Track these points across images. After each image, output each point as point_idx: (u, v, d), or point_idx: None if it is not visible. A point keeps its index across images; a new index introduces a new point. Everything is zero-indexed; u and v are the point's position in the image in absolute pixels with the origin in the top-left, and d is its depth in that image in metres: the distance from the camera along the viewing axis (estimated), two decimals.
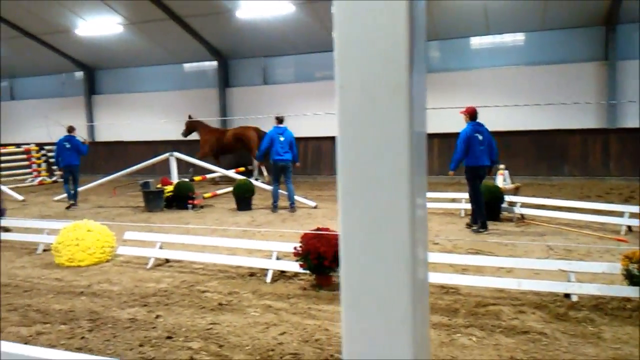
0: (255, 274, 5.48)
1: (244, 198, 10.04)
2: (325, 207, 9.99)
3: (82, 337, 3.89)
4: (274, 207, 9.61)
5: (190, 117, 15.73)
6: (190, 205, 10.13)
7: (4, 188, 12.58)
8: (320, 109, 15.93)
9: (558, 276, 4.61)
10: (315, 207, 9.94)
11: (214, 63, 17.81)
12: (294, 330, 3.90)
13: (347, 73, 0.72)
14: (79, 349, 3.65)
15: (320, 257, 4.78)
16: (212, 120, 17.07)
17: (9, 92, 21.21)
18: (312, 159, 15.55)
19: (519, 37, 14.09)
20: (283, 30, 15.23)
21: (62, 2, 14.90)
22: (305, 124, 14.50)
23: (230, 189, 10.45)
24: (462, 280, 4.73)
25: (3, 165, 14.87)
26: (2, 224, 7.85)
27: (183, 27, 15.62)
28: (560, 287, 4.48)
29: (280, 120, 9.53)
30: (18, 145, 16.48)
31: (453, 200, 9.15)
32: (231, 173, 11.59)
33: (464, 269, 5.19)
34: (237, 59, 17.64)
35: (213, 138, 14.84)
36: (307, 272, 5.01)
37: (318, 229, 5.24)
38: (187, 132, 15.54)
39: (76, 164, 10.86)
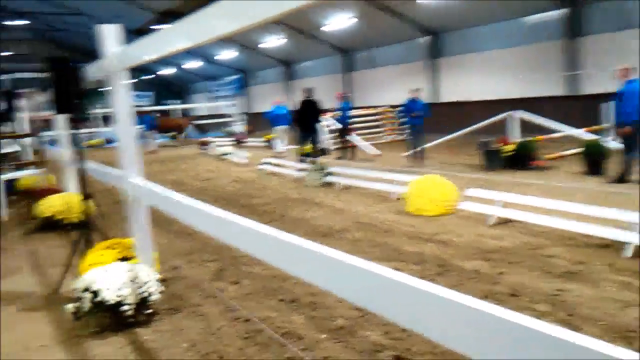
0: (610, 246, 4.87)
1: (594, 161, 8.95)
2: None
3: (432, 279, 4.31)
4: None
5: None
6: (533, 166, 9.72)
7: (362, 142, 14.82)
8: None
9: None
10: None
11: (561, 11, 16.09)
12: None
13: None
14: None
15: None
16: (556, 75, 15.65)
17: (370, 61, 24.54)
18: None
19: None
20: None
21: None
22: None
23: (579, 150, 9.45)
24: None
25: (363, 124, 17.44)
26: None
27: None
28: None
29: None
30: (375, 107, 19.08)
31: None
32: (581, 132, 10.44)
33: None
34: (591, 3, 15.44)
35: None
36: None
37: None
38: None
39: (415, 123, 11.93)
